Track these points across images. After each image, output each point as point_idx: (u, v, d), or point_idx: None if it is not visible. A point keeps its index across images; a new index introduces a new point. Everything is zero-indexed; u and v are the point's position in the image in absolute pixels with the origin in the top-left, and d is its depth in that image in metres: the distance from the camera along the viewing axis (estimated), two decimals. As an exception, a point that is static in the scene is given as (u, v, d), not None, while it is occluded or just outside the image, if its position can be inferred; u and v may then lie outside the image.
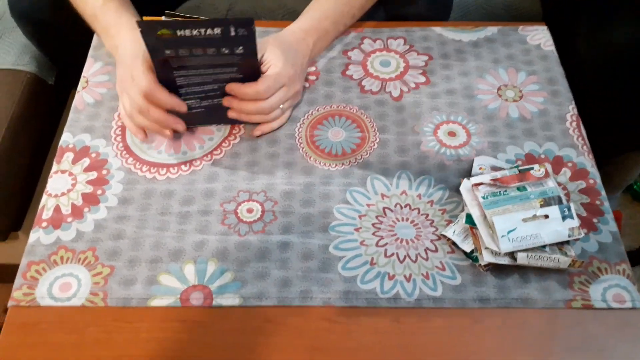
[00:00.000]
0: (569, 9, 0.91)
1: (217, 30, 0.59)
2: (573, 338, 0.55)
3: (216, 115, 0.68)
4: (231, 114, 0.67)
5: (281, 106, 0.68)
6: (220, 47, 0.60)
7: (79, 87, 0.74)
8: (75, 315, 0.56)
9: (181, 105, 0.64)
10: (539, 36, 0.81)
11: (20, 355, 0.54)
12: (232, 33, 0.59)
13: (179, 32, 0.58)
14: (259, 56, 0.65)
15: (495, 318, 0.56)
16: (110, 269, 0.59)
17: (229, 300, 0.57)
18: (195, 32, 0.58)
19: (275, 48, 0.67)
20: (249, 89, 0.64)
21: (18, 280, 0.58)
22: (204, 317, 0.56)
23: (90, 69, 0.76)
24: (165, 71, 0.62)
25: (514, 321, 0.56)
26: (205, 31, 0.58)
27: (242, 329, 0.55)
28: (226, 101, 0.66)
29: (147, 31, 0.58)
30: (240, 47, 0.61)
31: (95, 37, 0.79)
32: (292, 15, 1.00)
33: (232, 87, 0.65)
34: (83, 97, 0.73)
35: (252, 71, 0.65)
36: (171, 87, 0.64)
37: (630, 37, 0.81)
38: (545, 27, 0.82)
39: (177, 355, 0.54)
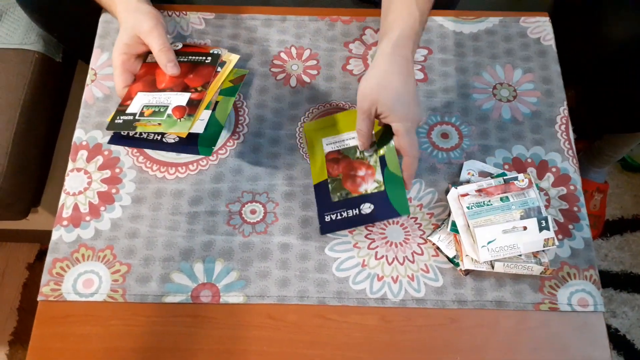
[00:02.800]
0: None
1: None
2: (538, 337, 0.63)
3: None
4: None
5: None
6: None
7: (88, 80, 0.77)
8: (99, 310, 0.63)
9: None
10: (540, 29, 0.81)
11: (52, 345, 0.61)
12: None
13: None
14: (367, 109, 0.64)
15: (471, 318, 0.63)
16: (127, 266, 0.65)
17: (235, 298, 0.64)
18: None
19: (384, 103, 0.62)
20: (410, 171, 0.65)
21: (45, 276, 0.65)
22: (212, 312, 0.63)
23: (98, 60, 0.78)
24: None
25: (487, 321, 0.63)
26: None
27: (246, 324, 0.63)
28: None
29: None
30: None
31: (100, 25, 0.80)
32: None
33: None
34: (92, 90, 0.76)
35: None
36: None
37: (628, 34, 0.82)
38: (547, 19, 0.82)
39: (189, 346, 0.62)
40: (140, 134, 0.66)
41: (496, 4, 0.99)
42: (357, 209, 0.67)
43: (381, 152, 0.68)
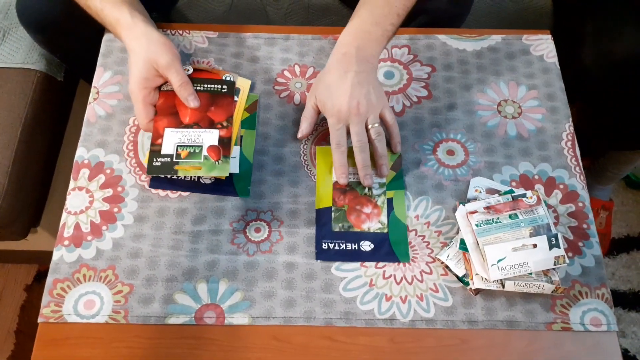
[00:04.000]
0: (577, 15, 0.91)
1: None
2: (551, 358, 0.61)
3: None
4: (367, 182, 0.68)
5: (372, 126, 0.68)
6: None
7: (90, 98, 0.76)
8: (100, 332, 0.61)
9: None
10: (543, 46, 0.81)
11: (53, 369, 0.60)
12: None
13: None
14: (311, 101, 0.70)
15: (482, 338, 0.62)
16: (129, 287, 0.64)
17: (239, 319, 0.62)
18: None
19: (320, 94, 0.69)
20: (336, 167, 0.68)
21: (45, 297, 0.63)
22: (216, 334, 0.62)
23: (100, 79, 0.77)
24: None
25: (498, 341, 0.62)
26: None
27: (251, 346, 0.61)
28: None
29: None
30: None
31: (103, 44, 0.80)
32: (298, 3, 1.00)
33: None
34: (94, 109, 0.75)
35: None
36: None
37: (631, 50, 0.82)
38: (549, 37, 0.82)
39: (193, 369, 0.60)
40: (178, 175, 0.67)
41: (498, 23, 1.00)
42: (356, 244, 0.66)
43: (390, 195, 0.69)
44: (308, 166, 0.72)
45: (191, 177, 0.68)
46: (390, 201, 0.69)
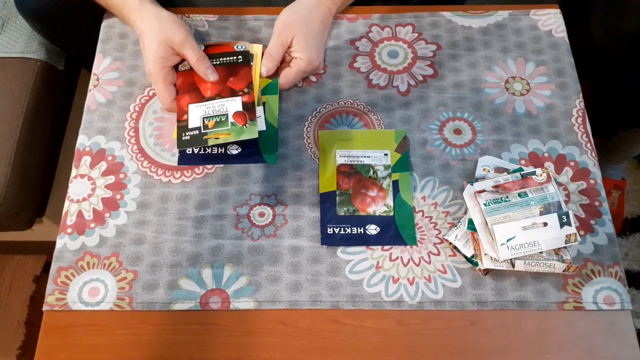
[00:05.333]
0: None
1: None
2: (564, 338, 0.60)
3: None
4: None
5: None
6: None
7: (90, 85, 0.75)
8: (105, 319, 0.61)
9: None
10: (551, 21, 0.79)
11: (58, 356, 0.59)
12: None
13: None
14: (284, 38, 0.71)
15: (492, 319, 0.61)
16: (133, 274, 0.63)
17: (245, 304, 0.61)
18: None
19: (302, 39, 0.70)
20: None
21: (50, 285, 0.63)
22: (222, 319, 0.61)
23: (100, 65, 0.76)
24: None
25: (509, 322, 0.60)
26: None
27: (257, 330, 0.60)
28: None
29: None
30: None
31: (102, 31, 0.79)
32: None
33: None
34: (95, 96, 0.74)
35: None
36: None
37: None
38: (558, 11, 0.80)
39: (198, 355, 0.59)
40: (205, 150, 0.67)
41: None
42: (362, 228, 0.65)
43: (395, 177, 0.67)
44: (312, 149, 0.70)
45: (218, 149, 0.68)
46: (395, 183, 0.67)
